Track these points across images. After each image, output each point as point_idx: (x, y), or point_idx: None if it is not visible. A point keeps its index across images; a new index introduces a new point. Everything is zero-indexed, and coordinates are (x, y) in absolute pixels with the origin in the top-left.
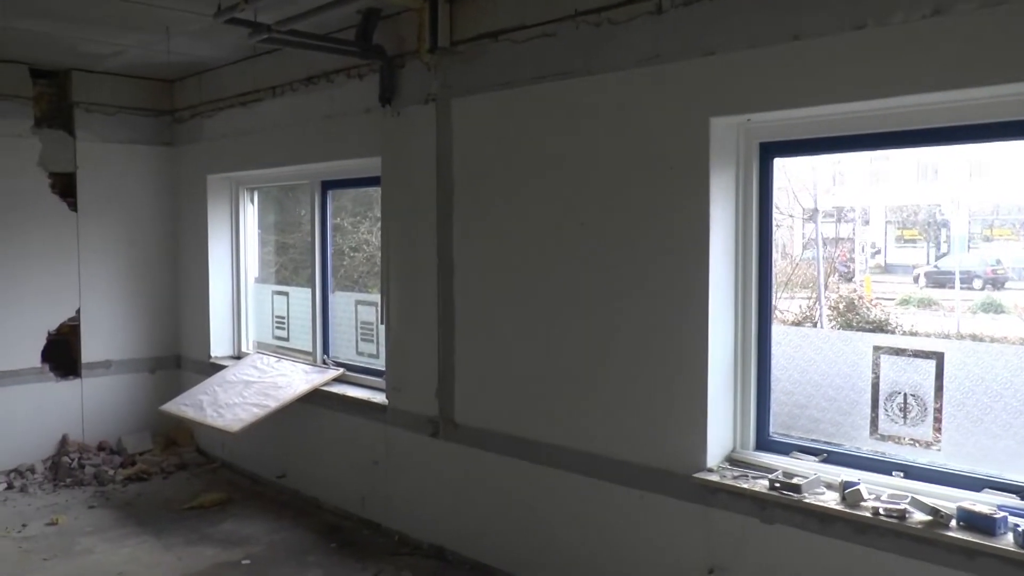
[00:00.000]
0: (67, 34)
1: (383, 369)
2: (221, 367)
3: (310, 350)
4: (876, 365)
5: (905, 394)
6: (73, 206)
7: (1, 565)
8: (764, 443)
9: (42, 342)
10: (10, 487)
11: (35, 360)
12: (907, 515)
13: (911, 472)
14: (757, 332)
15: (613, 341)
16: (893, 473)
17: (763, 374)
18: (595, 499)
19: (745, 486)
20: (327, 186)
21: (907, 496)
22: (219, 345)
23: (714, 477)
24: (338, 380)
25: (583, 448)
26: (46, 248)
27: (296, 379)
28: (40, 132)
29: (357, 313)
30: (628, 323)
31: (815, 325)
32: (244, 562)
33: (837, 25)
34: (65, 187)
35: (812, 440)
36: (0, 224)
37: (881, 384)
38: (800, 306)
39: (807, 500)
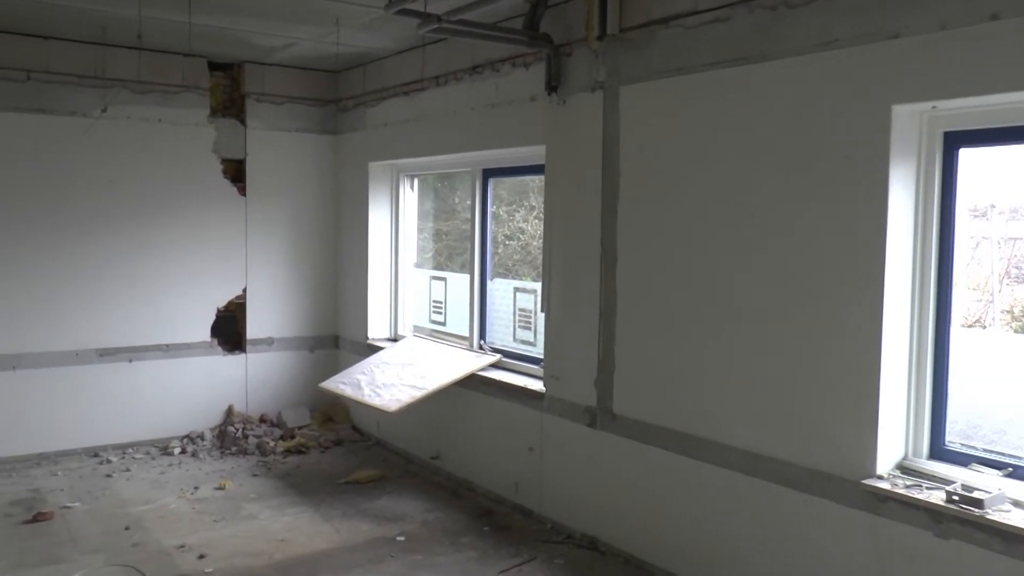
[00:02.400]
0: (243, 28)
1: (540, 357)
2: (378, 348)
3: (466, 335)
4: None
5: None
6: (242, 191)
7: (179, 523)
8: (938, 452)
9: (212, 318)
10: (183, 451)
11: (205, 335)
12: None
13: None
14: (934, 333)
15: (781, 337)
16: None
17: (939, 378)
18: (756, 500)
19: (919, 497)
20: (488, 174)
21: None
22: (376, 327)
23: (884, 485)
24: (494, 366)
25: (746, 447)
26: (218, 230)
27: (452, 363)
28: (215, 121)
29: (515, 300)
30: (797, 319)
31: (984, 328)
32: (399, 538)
33: None
34: (236, 173)
35: (994, 452)
36: (179, 206)
37: None
38: (968, 308)
39: (990, 516)
